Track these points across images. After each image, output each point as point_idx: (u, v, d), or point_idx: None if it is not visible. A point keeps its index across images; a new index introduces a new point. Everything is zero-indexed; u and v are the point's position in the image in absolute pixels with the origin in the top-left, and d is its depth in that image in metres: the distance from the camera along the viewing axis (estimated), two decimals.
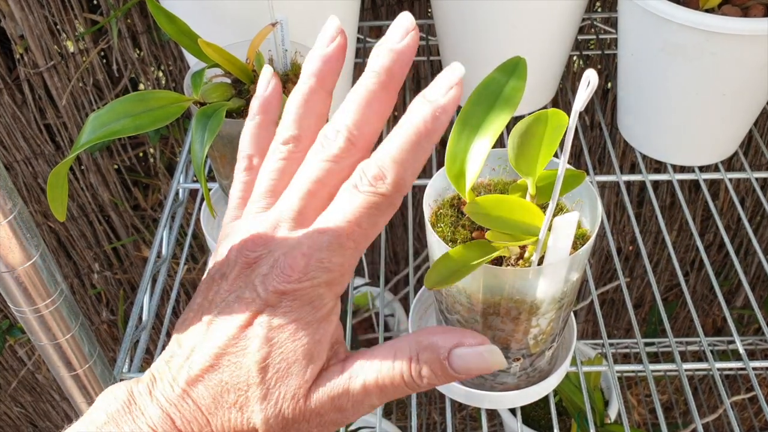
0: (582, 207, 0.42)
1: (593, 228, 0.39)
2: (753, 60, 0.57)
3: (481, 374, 0.29)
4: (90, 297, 1.19)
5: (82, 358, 0.41)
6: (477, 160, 0.34)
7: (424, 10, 0.93)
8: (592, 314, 1.39)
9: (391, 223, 1.18)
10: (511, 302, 0.39)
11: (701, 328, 0.58)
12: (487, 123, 0.34)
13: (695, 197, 1.18)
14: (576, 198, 0.42)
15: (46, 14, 0.84)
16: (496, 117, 0.34)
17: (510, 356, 0.44)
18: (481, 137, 0.34)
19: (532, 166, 0.35)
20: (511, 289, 0.38)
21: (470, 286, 0.39)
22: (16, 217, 0.33)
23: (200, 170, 0.45)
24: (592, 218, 0.41)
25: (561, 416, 1.05)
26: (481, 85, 0.35)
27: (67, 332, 0.39)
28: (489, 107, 0.34)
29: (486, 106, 0.34)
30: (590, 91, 0.28)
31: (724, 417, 1.31)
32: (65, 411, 1.41)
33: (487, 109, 0.34)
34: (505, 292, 0.38)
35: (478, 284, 0.38)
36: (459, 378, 0.29)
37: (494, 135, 0.33)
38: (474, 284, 0.39)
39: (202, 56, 0.49)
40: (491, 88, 0.35)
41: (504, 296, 0.38)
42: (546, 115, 0.35)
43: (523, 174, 0.36)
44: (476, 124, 0.34)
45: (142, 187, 1.08)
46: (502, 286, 0.38)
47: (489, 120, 0.34)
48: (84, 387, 0.42)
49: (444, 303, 0.43)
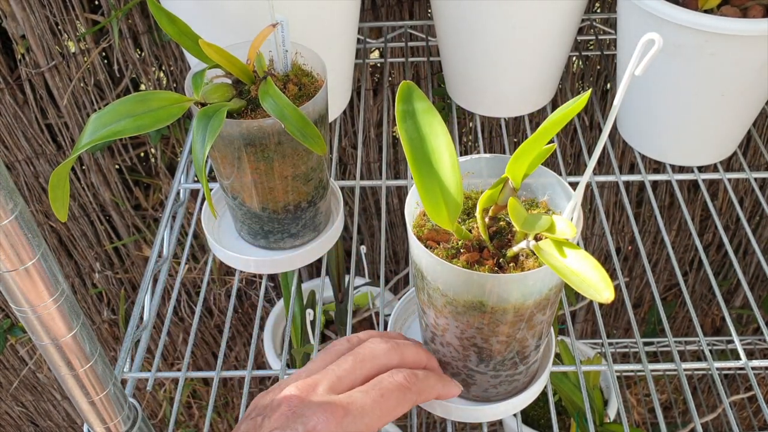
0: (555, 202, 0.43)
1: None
2: (752, 60, 0.57)
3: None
4: (91, 296, 1.19)
5: (83, 358, 0.41)
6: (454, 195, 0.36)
7: (424, 10, 0.93)
8: (592, 314, 1.39)
9: (391, 222, 1.19)
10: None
11: (700, 328, 0.58)
12: (436, 156, 0.36)
13: (694, 197, 1.18)
14: (549, 192, 0.43)
15: (47, 14, 0.84)
16: (436, 142, 0.36)
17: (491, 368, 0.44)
18: (442, 172, 0.36)
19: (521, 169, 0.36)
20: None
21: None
22: (17, 216, 0.34)
23: (201, 170, 0.45)
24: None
25: (560, 415, 1.05)
26: (404, 139, 0.36)
27: (68, 332, 0.39)
28: (425, 145, 0.37)
29: (421, 149, 0.37)
30: (653, 54, 0.28)
31: (723, 416, 1.31)
32: (66, 410, 1.41)
33: (426, 148, 0.37)
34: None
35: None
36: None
37: (452, 162, 0.36)
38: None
39: (202, 57, 0.49)
40: (410, 124, 0.37)
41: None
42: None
43: (513, 176, 0.37)
44: (428, 167, 0.36)
45: (143, 186, 1.09)
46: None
47: (434, 152, 0.36)
48: (85, 386, 0.42)
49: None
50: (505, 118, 0.77)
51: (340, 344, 0.44)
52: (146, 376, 0.55)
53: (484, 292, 0.37)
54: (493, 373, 0.44)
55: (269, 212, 0.55)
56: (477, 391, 0.47)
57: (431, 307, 0.41)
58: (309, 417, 0.38)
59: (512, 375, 0.45)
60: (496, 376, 0.45)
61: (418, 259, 0.40)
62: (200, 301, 0.62)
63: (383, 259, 0.63)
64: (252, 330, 0.89)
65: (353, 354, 0.42)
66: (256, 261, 0.58)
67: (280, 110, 0.46)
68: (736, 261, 0.66)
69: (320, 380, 0.40)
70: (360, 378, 0.41)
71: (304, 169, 0.53)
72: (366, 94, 1.00)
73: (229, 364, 1.36)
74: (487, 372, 0.44)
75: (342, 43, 0.67)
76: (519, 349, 0.42)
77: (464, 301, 0.38)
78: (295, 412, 0.38)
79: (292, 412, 0.38)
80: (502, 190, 0.38)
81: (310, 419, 0.37)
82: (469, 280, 0.37)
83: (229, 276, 1.20)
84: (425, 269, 0.39)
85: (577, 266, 0.33)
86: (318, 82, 0.53)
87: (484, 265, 0.38)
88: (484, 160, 0.43)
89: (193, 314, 1.24)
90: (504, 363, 0.43)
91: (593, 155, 0.33)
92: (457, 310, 0.39)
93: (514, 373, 0.45)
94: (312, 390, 0.39)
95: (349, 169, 1.10)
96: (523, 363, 0.44)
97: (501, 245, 0.39)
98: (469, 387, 0.46)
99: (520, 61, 0.67)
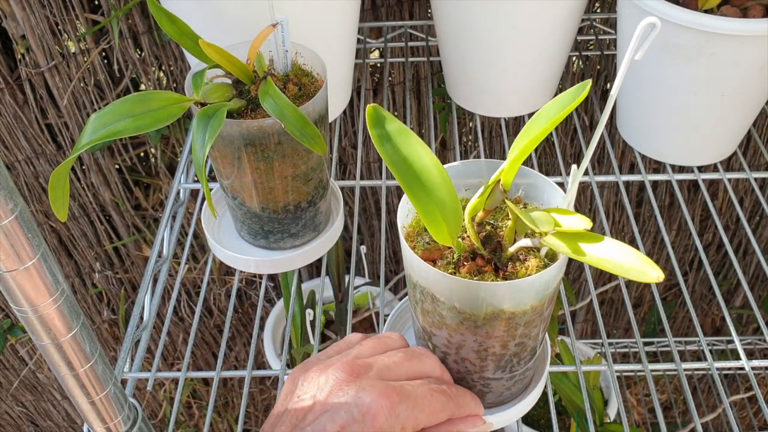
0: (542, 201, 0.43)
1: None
2: (752, 60, 0.57)
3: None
4: (91, 296, 1.19)
5: (83, 358, 0.41)
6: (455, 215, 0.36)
7: (424, 10, 0.93)
8: (592, 314, 1.39)
9: (391, 222, 1.19)
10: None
11: (700, 328, 0.58)
12: (423, 174, 0.36)
13: (694, 197, 1.18)
14: (523, 188, 0.43)
15: (47, 14, 0.84)
16: (421, 163, 0.36)
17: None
18: (437, 192, 0.36)
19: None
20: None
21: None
22: (17, 216, 0.34)
23: (201, 170, 0.45)
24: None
25: (560, 415, 1.05)
26: (389, 163, 0.36)
27: (68, 332, 0.39)
28: (411, 167, 0.36)
29: (409, 171, 0.36)
30: (652, 38, 0.28)
31: (723, 416, 1.31)
32: (66, 410, 1.41)
33: (413, 169, 0.36)
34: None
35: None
36: None
37: (443, 179, 0.36)
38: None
39: (203, 57, 0.49)
40: (389, 148, 0.37)
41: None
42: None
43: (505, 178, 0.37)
44: (421, 188, 0.36)
45: (143, 186, 1.08)
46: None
47: (423, 172, 0.36)
48: (85, 386, 0.42)
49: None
50: (505, 118, 0.77)
51: (390, 337, 0.44)
52: (146, 376, 0.55)
53: (505, 300, 0.37)
54: (509, 375, 0.44)
55: (269, 212, 0.55)
56: (492, 398, 0.46)
57: (443, 327, 0.40)
58: (363, 397, 0.37)
59: (524, 372, 0.45)
60: (511, 378, 0.44)
61: (428, 283, 0.39)
62: (200, 301, 0.62)
63: (383, 259, 0.63)
64: (252, 330, 0.89)
65: (404, 351, 0.42)
66: (256, 261, 0.58)
67: (280, 110, 0.46)
68: (736, 261, 0.66)
69: (371, 364, 0.40)
70: (404, 375, 0.40)
71: (304, 169, 0.53)
72: (366, 94, 1.00)
73: (229, 364, 1.36)
74: (503, 377, 0.44)
75: (342, 43, 0.67)
76: (532, 345, 0.42)
77: (485, 313, 0.38)
78: (347, 391, 0.37)
79: (344, 391, 0.38)
80: (490, 195, 0.38)
81: (363, 399, 0.37)
82: (489, 292, 0.37)
83: (229, 276, 1.20)
84: (437, 291, 0.38)
85: (612, 254, 0.32)
86: (318, 82, 0.53)
87: (483, 272, 0.38)
88: (484, 163, 0.43)
89: (193, 314, 1.24)
90: (520, 363, 0.43)
91: (592, 140, 0.33)
92: (476, 324, 0.39)
93: (526, 369, 0.45)
94: (364, 371, 0.39)
95: (349, 169, 1.10)
96: (533, 356, 0.44)
97: (491, 250, 0.39)
98: (485, 396, 0.45)
99: (520, 61, 0.67)
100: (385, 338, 0.44)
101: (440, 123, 1.04)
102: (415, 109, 1.03)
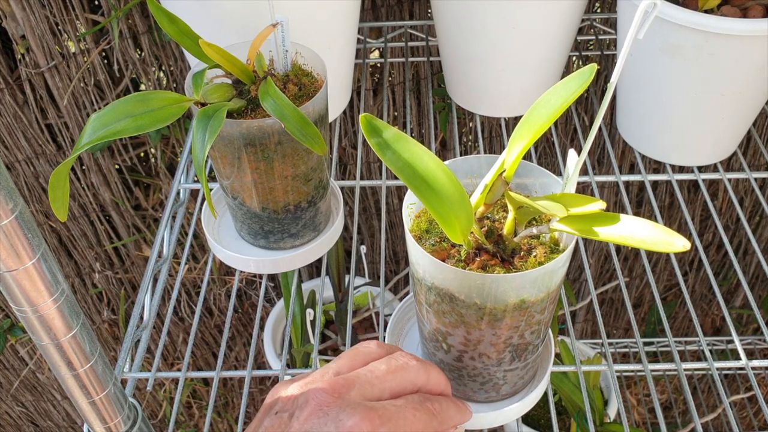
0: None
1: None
2: (752, 60, 0.57)
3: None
4: (91, 296, 1.19)
5: (83, 358, 0.41)
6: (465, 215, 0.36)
7: (424, 10, 0.93)
8: (592, 314, 1.39)
9: (391, 222, 1.19)
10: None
11: (700, 328, 0.58)
12: (429, 176, 0.36)
13: (694, 197, 1.18)
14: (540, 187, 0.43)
15: (47, 14, 0.84)
16: (423, 165, 0.36)
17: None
18: (446, 194, 0.36)
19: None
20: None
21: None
22: (17, 216, 0.34)
23: (201, 170, 0.45)
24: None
25: (560, 415, 1.05)
26: (394, 169, 0.36)
27: (68, 332, 0.39)
28: (416, 171, 0.37)
29: (415, 175, 0.36)
30: (652, 17, 0.29)
31: (723, 416, 1.31)
32: (66, 410, 1.41)
33: (418, 173, 0.37)
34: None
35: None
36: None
37: (450, 181, 0.36)
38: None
39: (203, 57, 0.49)
40: (390, 154, 0.37)
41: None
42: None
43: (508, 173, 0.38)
44: (427, 191, 0.36)
45: (143, 186, 1.09)
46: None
47: (427, 172, 0.36)
48: (85, 386, 0.42)
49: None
50: (505, 118, 0.77)
51: (368, 347, 0.42)
52: (146, 376, 0.55)
53: (525, 289, 0.37)
54: (523, 364, 0.44)
55: (269, 212, 0.55)
56: (507, 390, 0.46)
57: (461, 325, 0.40)
58: (344, 420, 0.36)
59: (535, 359, 0.45)
60: (525, 366, 0.44)
61: (446, 283, 0.38)
62: (200, 301, 0.62)
63: (383, 259, 0.63)
64: (252, 330, 0.89)
65: (387, 362, 0.40)
66: (256, 261, 0.58)
67: (280, 110, 0.46)
68: (736, 261, 0.66)
69: (353, 381, 0.38)
70: (388, 390, 0.39)
71: (304, 169, 0.53)
72: (366, 94, 1.00)
73: (229, 364, 1.36)
74: (518, 366, 0.44)
75: (342, 43, 0.67)
76: (544, 331, 0.43)
77: (506, 306, 0.38)
78: (327, 412, 0.36)
79: (324, 412, 0.36)
80: (492, 188, 0.38)
81: (344, 422, 0.36)
82: (514, 284, 0.37)
83: (229, 276, 1.20)
84: (456, 290, 0.38)
85: (633, 231, 0.32)
86: (318, 82, 0.53)
87: (490, 266, 0.38)
88: (484, 159, 0.43)
89: (193, 314, 1.24)
90: (534, 350, 0.43)
91: (592, 129, 0.34)
92: (496, 318, 0.38)
93: (537, 355, 0.45)
94: (345, 390, 0.38)
95: (349, 169, 1.10)
96: (543, 341, 0.44)
97: (494, 243, 0.40)
98: (500, 388, 0.45)
99: (520, 61, 0.67)
100: (363, 348, 0.42)
101: (440, 123, 1.04)
102: (415, 109, 1.04)
